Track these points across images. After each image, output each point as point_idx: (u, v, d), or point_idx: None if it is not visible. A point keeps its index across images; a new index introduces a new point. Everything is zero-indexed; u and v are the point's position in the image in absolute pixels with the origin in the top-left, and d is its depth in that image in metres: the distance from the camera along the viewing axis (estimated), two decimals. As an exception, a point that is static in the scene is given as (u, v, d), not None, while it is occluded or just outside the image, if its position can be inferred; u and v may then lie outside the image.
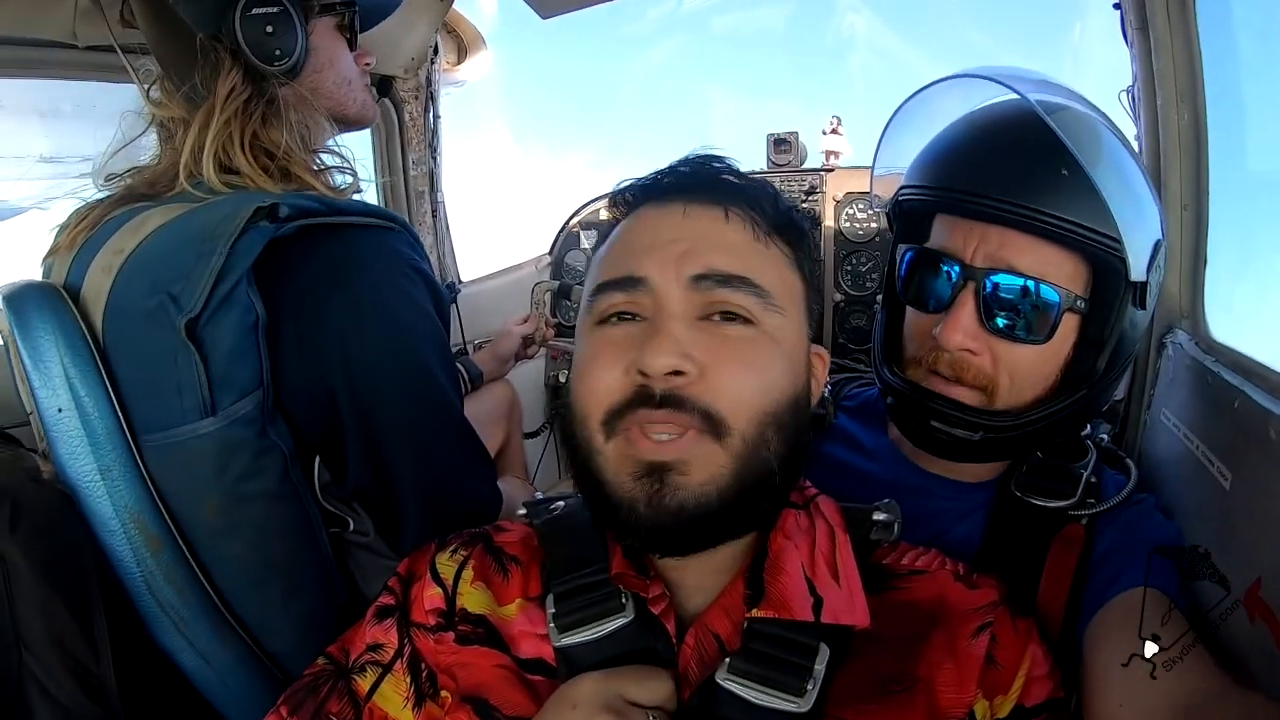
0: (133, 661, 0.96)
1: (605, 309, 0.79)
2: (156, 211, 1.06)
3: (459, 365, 1.72)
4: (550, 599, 0.81)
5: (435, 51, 2.20)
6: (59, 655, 0.88)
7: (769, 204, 0.83)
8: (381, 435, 1.09)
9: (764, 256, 0.80)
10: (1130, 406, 1.34)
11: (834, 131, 2.41)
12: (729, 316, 0.76)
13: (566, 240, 2.75)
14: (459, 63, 2.35)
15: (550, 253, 2.78)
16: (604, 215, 2.69)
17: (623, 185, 0.89)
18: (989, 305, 0.97)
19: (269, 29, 1.15)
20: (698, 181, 0.83)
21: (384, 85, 1.36)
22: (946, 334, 0.98)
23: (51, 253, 1.15)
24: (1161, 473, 1.15)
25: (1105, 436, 1.17)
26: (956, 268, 0.99)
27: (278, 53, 1.16)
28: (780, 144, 2.39)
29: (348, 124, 1.34)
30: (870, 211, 2.38)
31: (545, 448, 2.42)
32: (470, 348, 2.25)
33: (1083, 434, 1.12)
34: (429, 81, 2.22)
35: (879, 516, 0.87)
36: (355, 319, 1.06)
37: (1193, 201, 1.20)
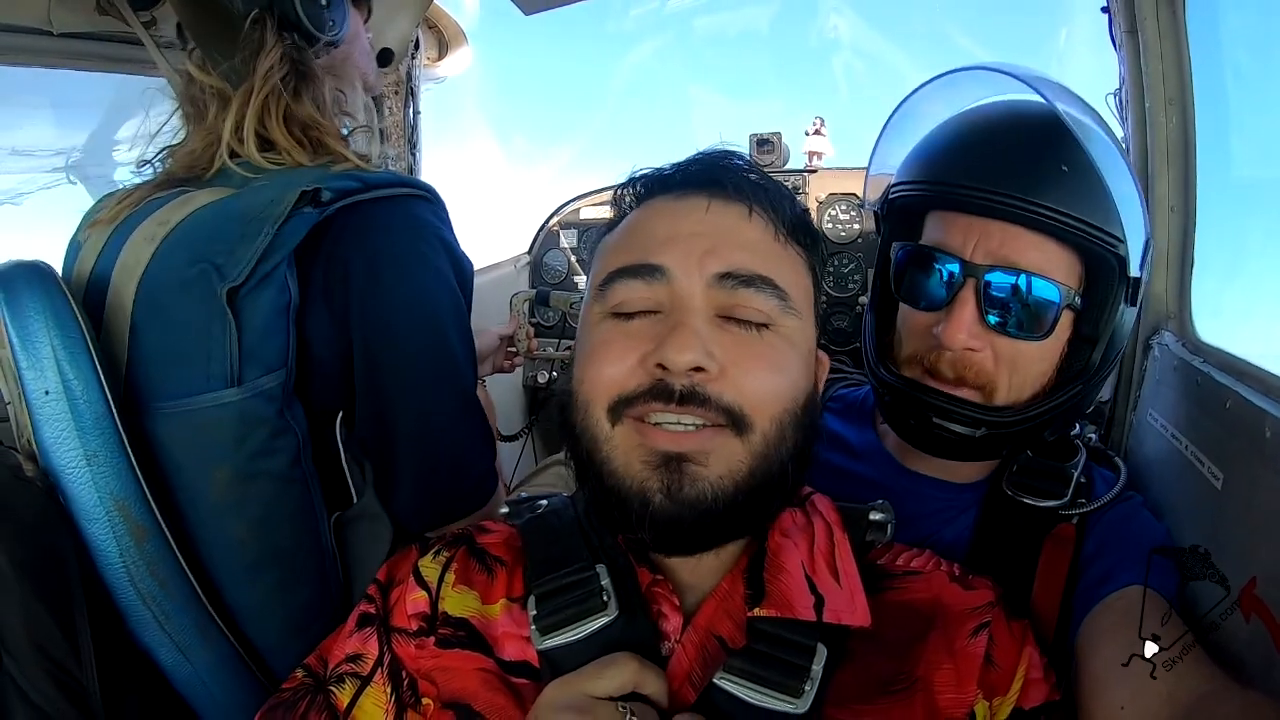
0: (115, 663, 0.93)
1: (620, 300, 0.78)
2: (202, 193, 1.08)
3: None
4: (532, 600, 0.79)
5: (416, 46, 2.16)
6: (40, 659, 0.85)
7: (788, 205, 0.83)
8: (383, 388, 1.10)
9: (782, 258, 0.80)
10: (1116, 407, 1.35)
11: (817, 132, 2.41)
12: (748, 317, 0.75)
13: (546, 239, 2.73)
14: (440, 58, 2.32)
15: (529, 252, 2.75)
16: (584, 215, 2.66)
17: (636, 175, 0.88)
18: (990, 302, 0.97)
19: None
20: (721, 176, 0.82)
21: (384, 56, 1.40)
22: (950, 333, 0.98)
23: (89, 226, 1.15)
24: (1150, 473, 1.16)
25: (1094, 437, 1.18)
26: (956, 265, 0.99)
27: (331, 22, 1.19)
28: (763, 144, 2.38)
29: (369, 93, 1.39)
30: (853, 213, 2.39)
31: (523, 452, 2.39)
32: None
33: (1072, 434, 1.12)
34: (409, 77, 2.18)
35: (875, 516, 0.87)
36: (372, 276, 1.08)
37: (1180, 204, 1.21)
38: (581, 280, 2.61)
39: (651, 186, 0.85)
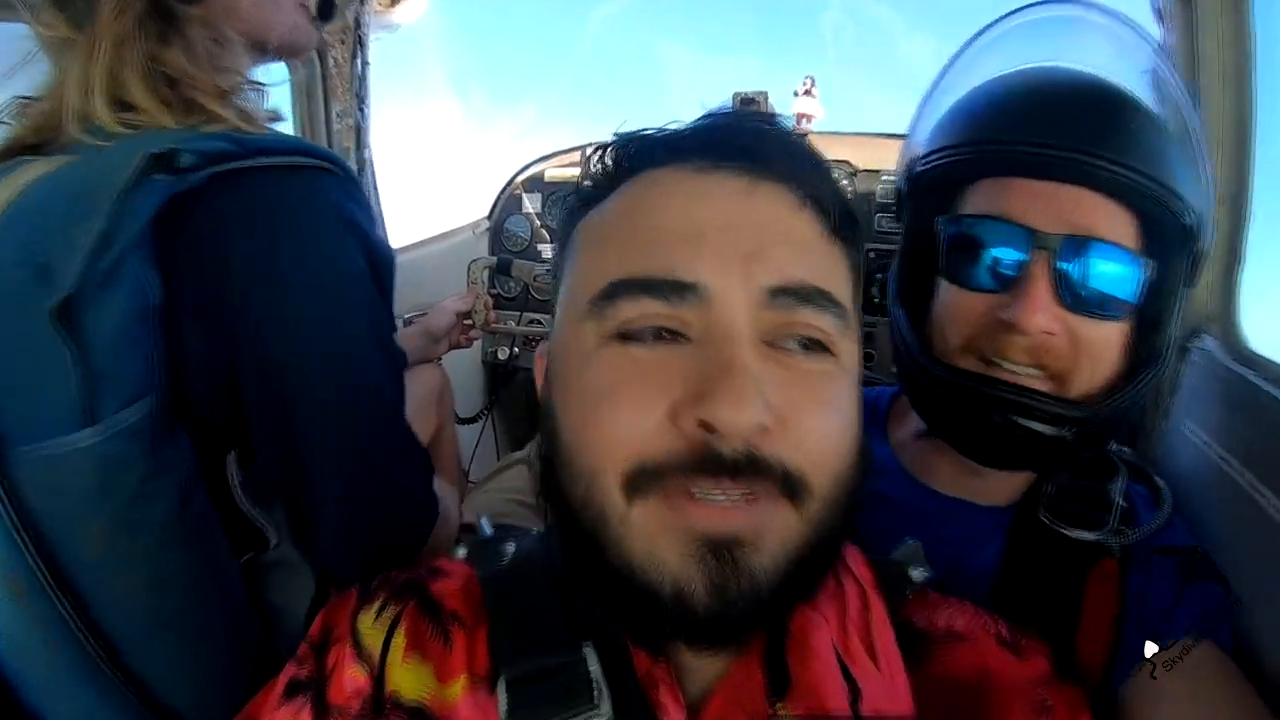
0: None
1: (627, 319, 0.57)
2: (39, 162, 0.86)
3: None
4: (502, 685, 0.62)
5: (365, -11, 1.95)
6: None
7: (835, 189, 0.64)
8: (290, 417, 0.89)
9: (835, 261, 0.62)
10: (1145, 414, 1.25)
11: (807, 93, 2.25)
12: (806, 344, 0.57)
13: (507, 203, 2.54)
14: (392, 4, 2.10)
15: (489, 217, 2.57)
16: (550, 176, 2.48)
17: (638, 133, 0.66)
18: (1069, 278, 0.84)
19: None
20: (763, 146, 0.61)
21: (326, 8, 1.11)
22: (1026, 315, 0.83)
23: None
24: (1188, 491, 1.05)
25: (1125, 449, 1.07)
26: (1025, 236, 0.85)
27: None
28: (748, 104, 2.21)
29: (272, 52, 1.09)
30: (845, 181, 2.23)
31: (481, 435, 2.25)
32: (401, 323, 2.06)
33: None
34: (357, 24, 1.97)
35: (915, 574, 0.72)
36: (264, 271, 0.85)
37: (1230, 195, 1.09)
38: (546, 249, 2.44)
39: (656, 150, 0.63)
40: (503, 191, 2.55)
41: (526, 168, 2.54)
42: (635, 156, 0.64)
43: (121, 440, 0.79)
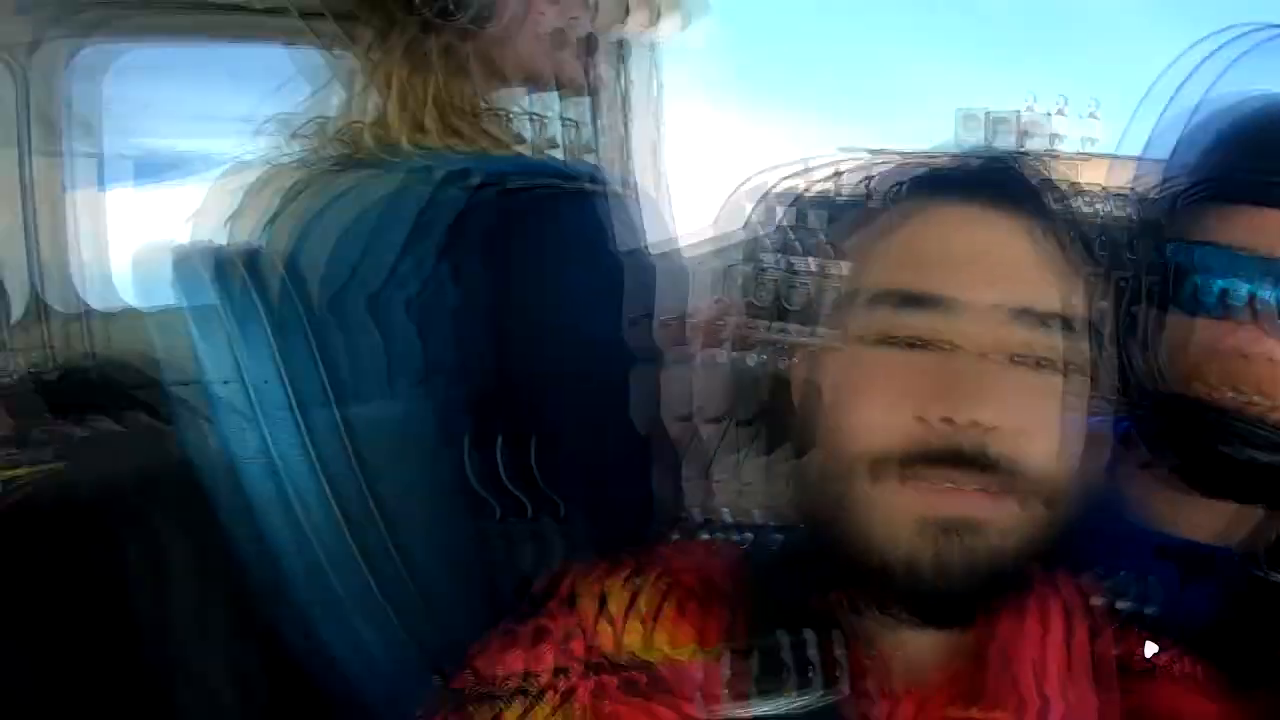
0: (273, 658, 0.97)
1: (890, 328, 0.65)
2: (345, 177, 1.02)
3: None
4: (726, 658, 0.70)
5: (626, 11, 2.07)
6: (214, 650, 0.89)
7: (1082, 224, 0.71)
8: (529, 421, 1.00)
9: (1075, 288, 0.67)
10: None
11: (1059, 113, 2.18)
12: (1042, 363, 0.64)
13: (759, 213, 2.60)
14: (652, 23, 2.22)
15: (742, 226, 2.65)
16: (804, 188, 2.53)
17: (917, 170, 0.73)
18: None
19: None
20: (1007, 181, 0.69)
21: (591, 42, 1.23)
22: (1258, 343, 0.81)
23: (236, 216, 1.07)
24: None
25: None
26: (1256, 264, 0.83)
27: (467, 4, 1.03)
28: (999, 125, 2.15)
29: (545, 89, 1.18)
30: (1096, 203, 2.13)
31: (724, 436, 2.31)
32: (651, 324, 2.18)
33: None
34: (620, 43, 2.01)
35: (1123, 605, 0.75)
36: (504, 297, 0.96)
37: None
38: (796, 261, 2.49)
39: (925, 184, 0.71)
40: (759, 200, 2.61)
41: (781, 179, 2.58)
42: (905, 185, 0.72)
43: (416, 412, 0.96)
